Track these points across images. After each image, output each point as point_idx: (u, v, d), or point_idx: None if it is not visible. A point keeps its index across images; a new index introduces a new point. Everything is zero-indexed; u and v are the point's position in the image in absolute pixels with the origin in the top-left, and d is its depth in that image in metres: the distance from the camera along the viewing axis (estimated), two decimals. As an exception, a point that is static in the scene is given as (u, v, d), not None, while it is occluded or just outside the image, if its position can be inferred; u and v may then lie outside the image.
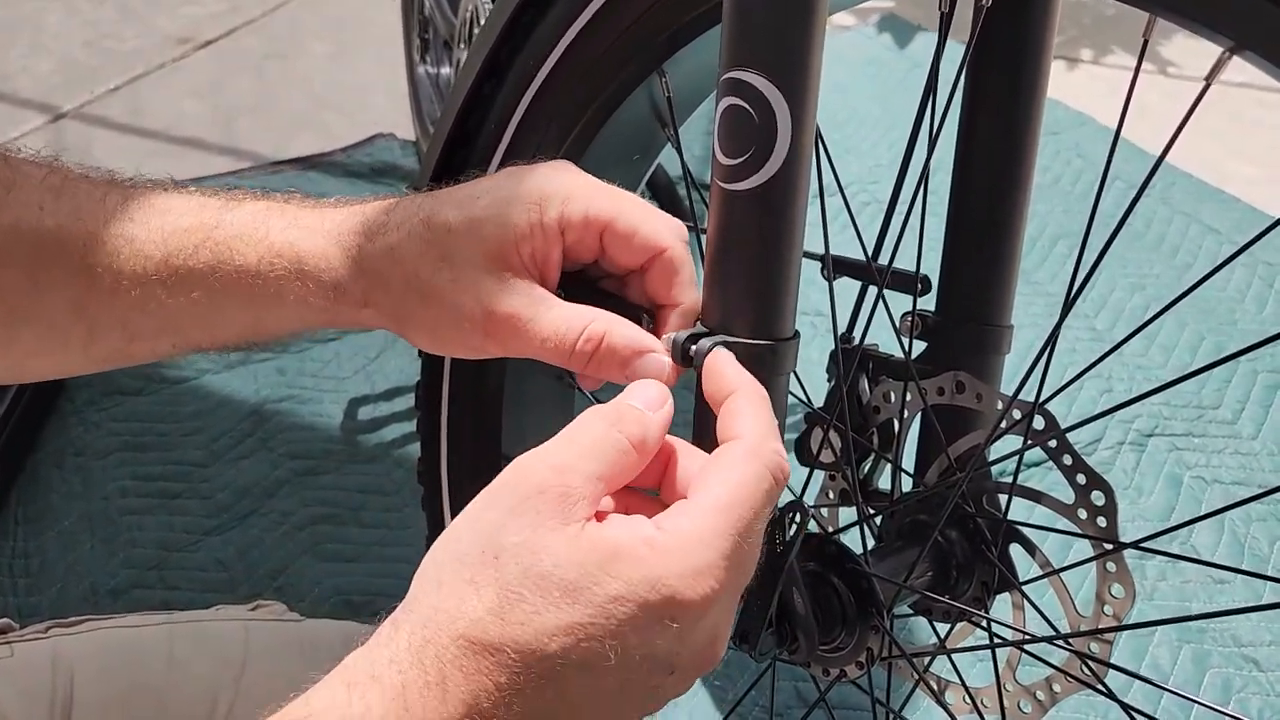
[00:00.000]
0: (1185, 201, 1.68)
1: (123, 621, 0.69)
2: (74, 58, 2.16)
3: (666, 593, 0.37)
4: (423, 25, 1.61)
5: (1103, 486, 0.54)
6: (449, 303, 0.48)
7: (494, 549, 0.38)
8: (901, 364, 0.59)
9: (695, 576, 0.38)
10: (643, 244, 0.48)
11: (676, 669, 0.39)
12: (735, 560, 0.39)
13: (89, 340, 0.52)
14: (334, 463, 1.27)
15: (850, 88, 1.99)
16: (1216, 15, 0.42)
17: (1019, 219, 0.59)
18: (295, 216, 0.51)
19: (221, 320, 0.52)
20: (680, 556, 0.38)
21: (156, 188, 0.53)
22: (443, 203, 0.49)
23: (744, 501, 0.40)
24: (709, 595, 0.38)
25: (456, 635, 0.37)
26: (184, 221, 0.51)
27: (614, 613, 0.37)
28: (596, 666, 0.37)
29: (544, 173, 0.49)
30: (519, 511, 0.38)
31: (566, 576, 0.37)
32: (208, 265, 0.50)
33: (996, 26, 0.54)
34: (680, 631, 0.38)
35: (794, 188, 0.45)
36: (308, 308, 0.51)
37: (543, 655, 0.36)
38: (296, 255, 0.50)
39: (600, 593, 0.37)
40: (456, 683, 0.37)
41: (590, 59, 0.63)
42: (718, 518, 0.39)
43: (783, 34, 0.44)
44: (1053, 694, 0.58)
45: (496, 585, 0.37)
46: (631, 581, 0.37)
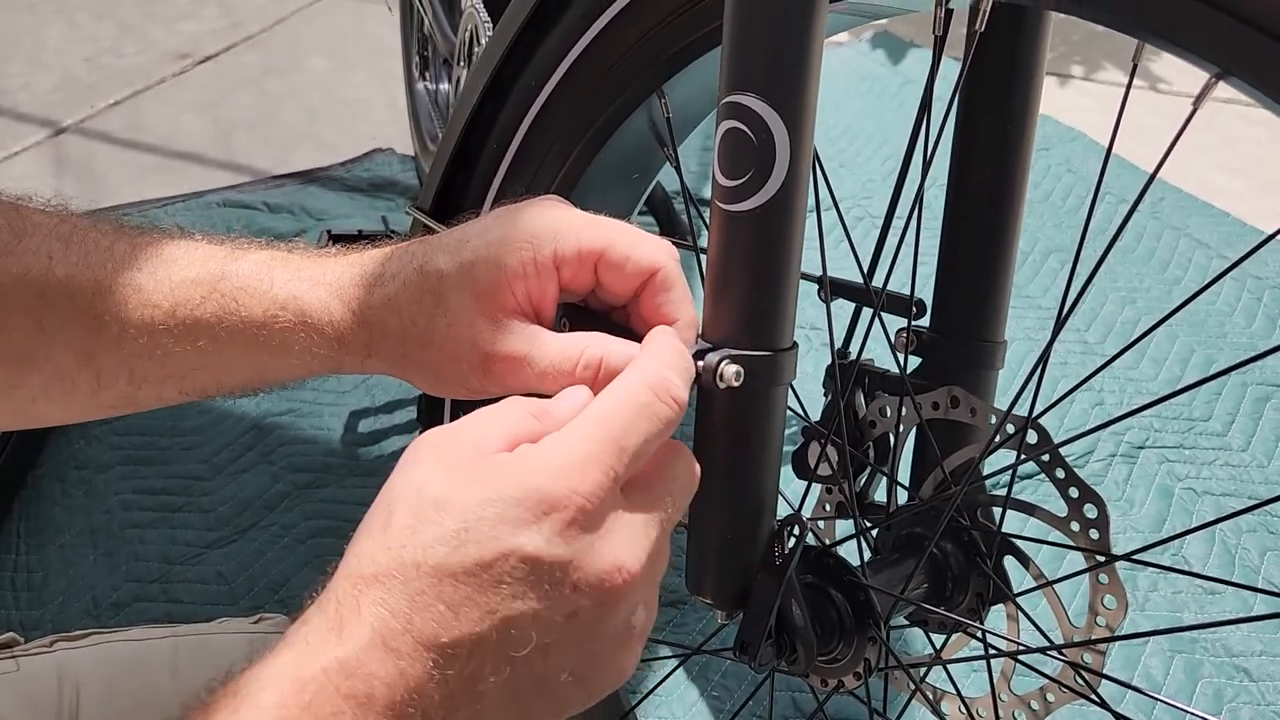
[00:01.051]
0: (1174, 216, 1.70)
1: (127, 635, 0.69)
2: (74, 73, 2.17)
3: (530, 485, 0.38)
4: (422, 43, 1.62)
5: (1095, 500, 0.54)
6: (447, 349, 0.49)
7: (390, 501, 0.39)
8: (897, 379, 0.60)
9: (560, 470, 0.39)
10: (636, 268, 0.48)
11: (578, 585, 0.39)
12: (608, 463, 0.40)
13: (96, 387, 0.52)
14: (335, 476, 1.28)
15: (844, 103, 2.00)
16: (1204, 42, 0.43)
17: (1012, 236, 0.60)
18: (298, 269, 0.52)
19: (227, 368, 0.53)
20: (545, 457, 0.39)
21: (164, 236, 0.54)
22: (435, 250, 0.50)
23: (615, 411, 0.41)
24: (577, 489, 0.38)
25: (349, 575, 0.38)
26: (190, 272, 0.52)
27: (484, 514, 0.38)
28: (480, 574, 0.37)
29: (533, 211, 0.49)
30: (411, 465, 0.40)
31: (438, 493, 0.38)
32: (214, 316, 0.51)
33: (989, 50, 0.56)
34: (558, 532, 0.38)
35: (792, 208, 0.46)
36: (312, 357, 0.51)
37: (427, 567, 0.37)
38: (300, 308, 0.51)
39: (469, 497, 0.38)
40: (351, 620, 0.37)
41: (592, 80, 0.64)
42: (587, 424, 0.40)
43: (781, 59, 0.45)
44: (1047, 704, 0.59)
45: (385, 526, 0.38)
46: (497, 483, 0.38)
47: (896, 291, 0.59)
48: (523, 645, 0.38)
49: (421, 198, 0.72)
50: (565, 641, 0.39)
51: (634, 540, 0.41)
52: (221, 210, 1.73)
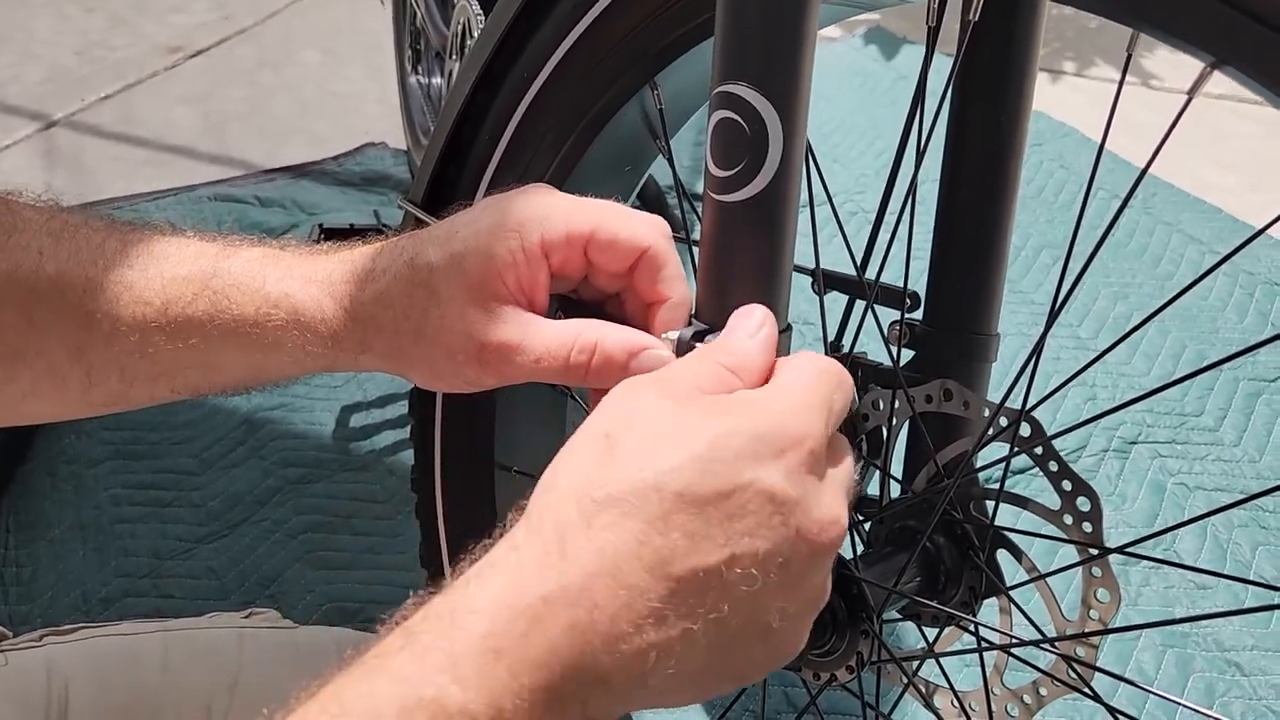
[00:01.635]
0: (1166, 211, 1.70)
1: (117, 630, 0.69)
2: (65, 66, 2.16)
3: (770, 421, 0.39)
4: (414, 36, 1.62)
5: (1088, 492, 0.54)
6: (441, 341, 0.49)
7: (602, 429, 0.39)
8: (890, 372, 0.60)
9: (798, 412, 0.40)
10: (626, 248, 0.48)
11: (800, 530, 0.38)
12: (829, 418, 0.41)
13: (87, 384, 0.52)
14: (326, 470, 1.27)
15: (836, 98, 2.00)
16: (1198, 31, 0.43)
17: (1005, 228, 0.60)
18: (290, 266, 0.52)
19: (220, 366, 0.52)
20: (782, 399, 0.40)
21: (155, 233, 0.53)
22: (424, 243, 0.50)
23: (826, 370, 0.43)
24: (810, 433, 0.39)
25: (575, 500, 0.37)
26: (182, 270, 0.51)
27: (728, 445, 0.38)
28: (718, 504, 0.37)
29: (520, 199, 0.49)
30: (623, 397, 0.41)
31: (676, 423, 0.38)
32: (205, 314, 0.51)
33: (983, 41, 0.55)
34: (792, 470, 0.38)
35: (785, 199, 0.46)
36: (306, 355, 0.51)
37: (661, 496, 0.36)
38: (293, 306, 0.51)
39: (709, 428, 0.38)
40: (577, 543, 0.36)
41: (584, 72, 0.64)
42: (809, 377, 0.42)
43: (774, 48, 0.45)
44: (1039, 697, 0.59)
45: (608, 451, 0.38)
46: (741, 417, 0.39)
47: (890, 284, 0.58)
48: (748, 584, 0.37)
49: (413, 190, 0.72)
50: (774, 589, 0.38)
51: (840, 500, 0.41)
52: (213, 204, 1.72)
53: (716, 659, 0.38)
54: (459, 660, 0.34)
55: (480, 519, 0.78)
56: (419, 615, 0.36)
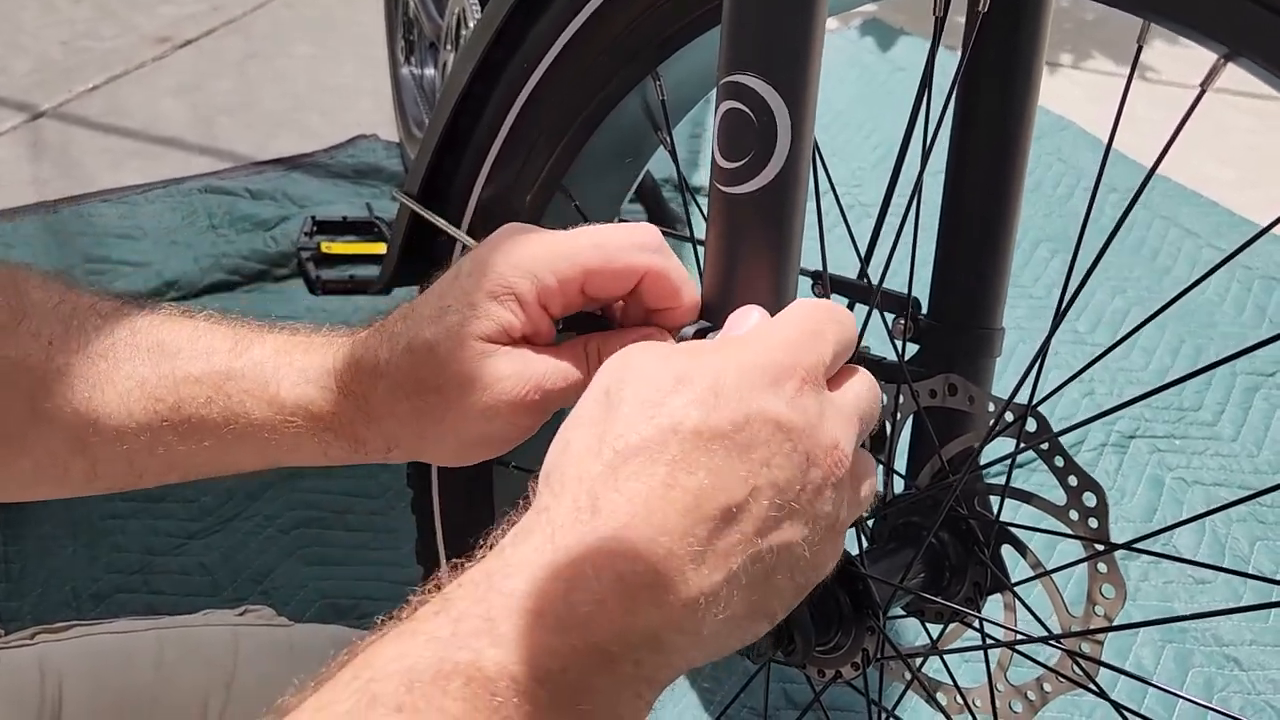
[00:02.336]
0: (1165, 205, 1.70)
1: (110, 627, 0.68)
2: (52, 56, 2.14)
3: (762, 352, 0.40)
4: (407, 26, 1.60)
5: (1094, 488, 0.54)
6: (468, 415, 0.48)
7: (602, 388, 0.40)
8: (894, 366, 0.59)
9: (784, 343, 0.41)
10: (622, 281, 0.48)
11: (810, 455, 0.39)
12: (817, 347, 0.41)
13: (92, 475, 0.51)
14: (319, 466, 1.26)
15: (833, 91, 1.99)
16: (1211, 22, 0.42)
17: (1010, 223, 0.59)
18: (303, 369, 0.50)
19: (233, 462, 0.51)
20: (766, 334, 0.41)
21: (167, 321, 0.52)
22: (417, 324, 0.48)
23: (811, 311, 0.43)
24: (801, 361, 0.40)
25: (594, 458, 0.37)
26: (194, 369, 0.50)
27: (728, 377, 0.38)
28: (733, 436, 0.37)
29: (501, 260, 0.48)
30: (615, 361, 0.41)
31: (674, 368, 0.39)
32: (221, 418, 0.50)
33: (990, 32, 0.55)
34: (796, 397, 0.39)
35: (793, 190, 0.46)
36: (327, 457, 0.51)
37: (686, 430, 0.37)
38: (310, 414, 0.50)
39: (707, 365, 0.39)
40: (607, 497, 0.36)
41: (585, 62, 0.63)
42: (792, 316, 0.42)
43: (782, 37, 0.44)
44: (1043, 694, 0.58)
45: (613, 406, 0.38)
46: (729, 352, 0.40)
47: (892, 290, 0.58)
48: (775, 514, 0.37)
49: (409, 183, 0.71)
50: (797, 518, 0.38)
51: (844, 425, 0.41)
52: (203, 196, 1.71)
53: (757, 597, 0.38)
54: (497, 622, 0.33)
55: (477, 515, 0.77)
56: (454, 584, 0.36)
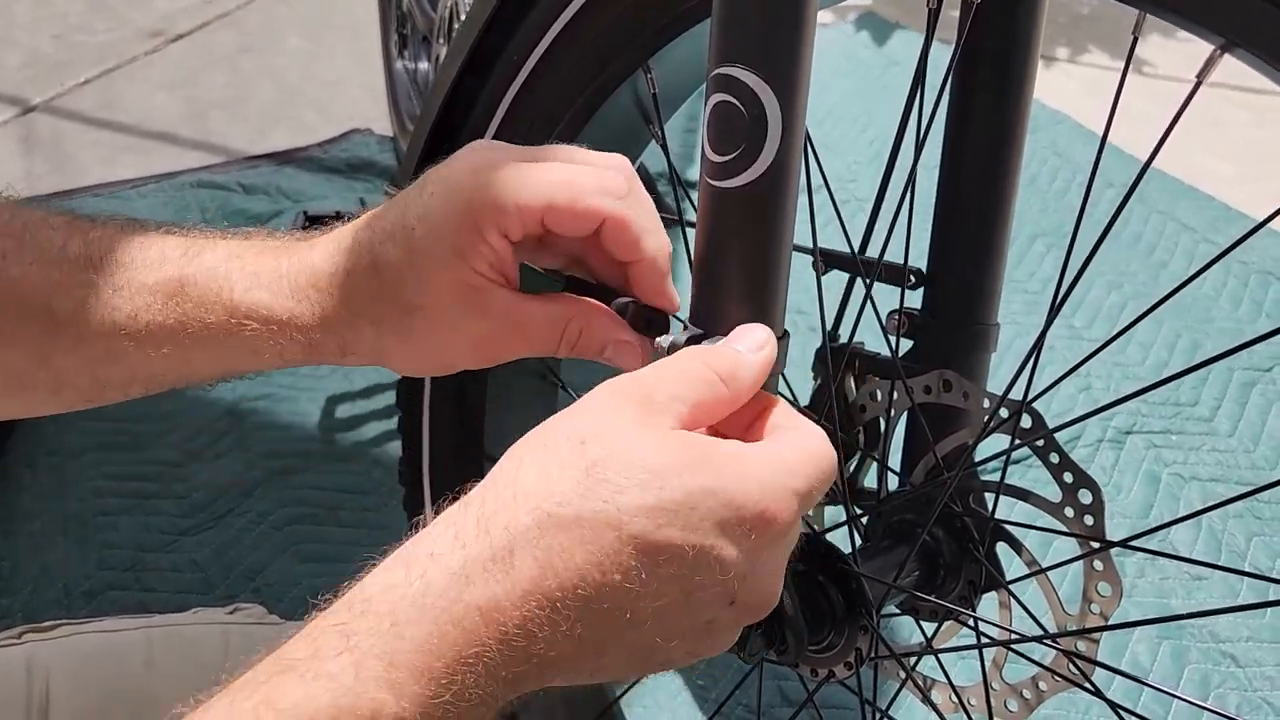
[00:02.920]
0: (1161, 199, 1.69)
1: (99, 626, 0.68)
2: (43, 50, 2.13)
3: (754, 497, 0.38)
4: (400, 20, 1.59)
5: (1090, 485, 0.54)
6: (432, 340, 0.49)
7: (580, 434, 0.38)
8: (888, 362, 0.59)
9: (780, 494, 0.39)
10: (582, 221, 0.47)
11: (737, 600, 0.39)
12: (804, 504, 0.40)
13: (55, 388, 0.51)
14: (312, 462, 1.26)
15: (828, 85, 1.99)
16: (1209, 12, 0.42)
17: (1006, 217, 0.58)
18: (255, 273, 0.50)
19: (193, 370, 0.51)
20: (769, 472, 0.39)
21: (118, 232, 0.52)
22: (382, 239, 0.48)
23: (819, 460, 0.41)
24: (788, 518, 0.39)
25: (533, 508, 0.37)
26: (148, 277, 0.50)
27: (699, 505, 0.37)
28: (669, 561, 0.37)
29: (467, 184, 0.47)
30: (606, 408, 0.39)
31: (653, 463, 0.37)
32: (176, 322, 0.50)
33: (984, 24, 0.54)
34: (754, 547, 0.38)
35: (784, 184, 0.45)
36: (283, 359, 0.51)
37: (621, 535, 0.36)
38: (264, 318, 0.49)
39: (690, 481, 0.37)
40: (525, 556, 0.36)
41: (575, 55, 0.62)
42: (803, 459, 0.40)
43: (773, 29, 0.44)
44: (1039, 692, 0.58)
45: (583, 465, 0.37)
46: (722, 478, 0.37)
47: (890, 261, 0.57)
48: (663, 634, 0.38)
49: (400, 178, 0.71)
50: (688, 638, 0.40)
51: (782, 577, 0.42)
52: (195, 191, 1.70)
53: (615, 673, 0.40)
54: (396, 668, 0.35)
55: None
56: (357, 609, 0.36)
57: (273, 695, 0.35)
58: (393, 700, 0.35)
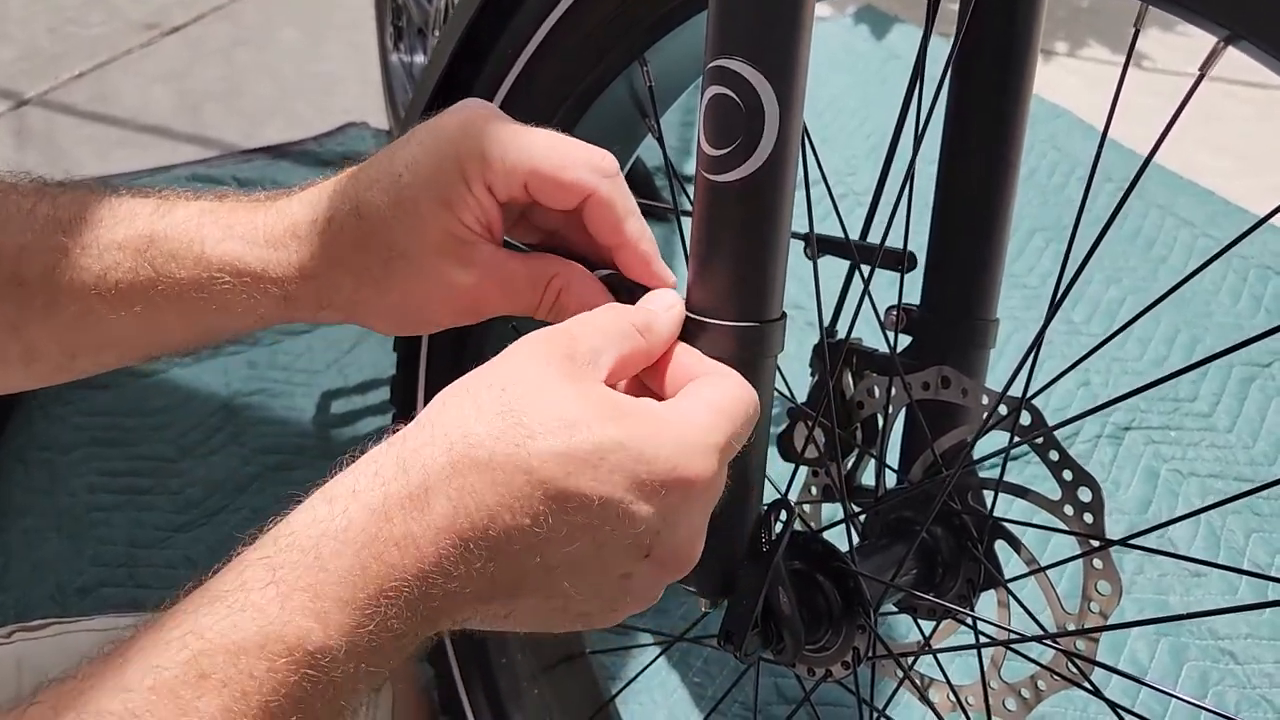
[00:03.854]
0: (1160, 194, 1.69)
1: (89, 624, 0.67)
2: (38, 43, 2.12)
3: (666, 455, 0.38)
4: (396, 12, 1.58)
5: (1089, 482, 0.53)
6: (413, 291, 0.48)
7: (503, 381, 0.39)
8: (886, 358, 0.58)
9: (694, 453, 0.39)
10: (565, 193, 0.47)
11: (652, 554, 0.39)
12: (722, 460, 0.41)
13: (27, 358, 0.50)
14: (307, 458, 1.25)
15: (827, 79, 1.98)
16: (1212, 4, 0.41)
17: (1005, 212, 0.58)
18: (229, 225, 0.50)
19: (166, 331, 0.51)
20: (683, 430, 0.39)
21: (87, 194, 0.51)
22: (367, 186, 0.48)
23: (737, 410, 0.42)
24: (700, 477, 0.39)
25: (449, 447, 0.37)
26: (117, 234, 0.49)
27: (609, 457, 0.37)
28: (578, 509, 0.37)
29: (458, 133, 0.47)
30: (531, 357, 0.39)
31: (570, 411, 0.38)
32: (147, 280, 0.49)
33: (984, 17, 0.53)
34: (666, 505, 0.38)
35: (781, 178, 0.44)
36: (257, 317, 0.50)
37: (530, 479, 0.37)
38: (237, 270, 0.49)
39: (601, 433, 0.37)
40: (440, 496, 0.37)
41: (570, 47, 0.61)
42: (718, 414, 0.41)
43: (770, 22, 0.43)
44: (1038, 691, 0.58)
45: (500, 408, 0.38)
46: (634, 434, 0.38)
47: (887, 246, 0.57)
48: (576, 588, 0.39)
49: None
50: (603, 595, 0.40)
51: (703, 531, 0.42)
52: (190, 185, 1.68)
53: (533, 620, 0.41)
54: (321, 598, 0.36)
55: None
56: (282, 543, 0.37)
57: (200, 625, 0.35)
58: (319, 629, 0.36)
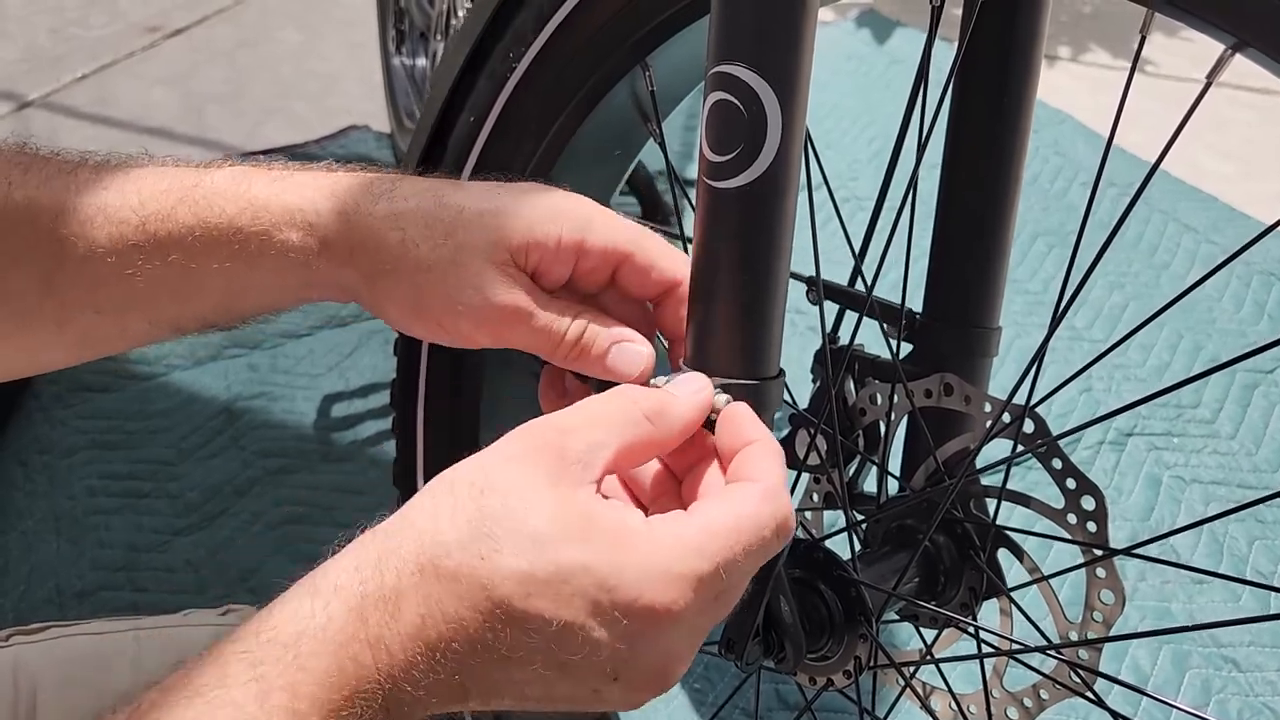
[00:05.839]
0: (1162, 199, 1.69)
1: (87, 629, 0.67)
2: (39, 45, 2.12)
3: (629, 583, 0.37)
4: (398, 16, 1.58)
5: (1093, 491, 0.53)
6: (449, 284, 0.48)
7: (483, 484, 0.38)
8: (888, 365, 0.58)
9: (665, 581, 0.37)
10: (659, 278, 0.49)
11: (620, 678, 0.38)
12: (708, 588, 0.38)
13: (61, 318, 0.50)
14: (307, 461, 1.25)
15: (829, 83, 1.98)
16: (1219, 11, 0.41)
17: (1008, 219, 0.58)
18: (281, 175, 0.50)
19: (199, 286, 0.50)
20: (655, 555, 0.38)
21: (130, 161, 0.52)
22: (457, 188, 0.49)
23: (740, 535, 0.39)
24: (671, 607, 0.37)
25: (419, 552, 0.37)
26: (161, 184, 0.49)
27: (571, 580, 0.37)
28: (537, 631, 0.37)
29: (566, 195, 0.49)
30: (519, 458, 0.39)
31: (539, 528, 0.37)
32: (186, 225, 0.49)
33: (987, 23, 0.53)
34: (629, 633, 0.37)
35: (784, 184, 0.44)
36: (286, 264, 0.49)
37: (490, 596, 0.36)
38: (282, 206, 0.49)
39: (564, 555, 0.37)
40: (410, 602, 0.37)
41: (573, 51, 0.61)
42: (707, 538, 0.38)
43: (773, 27, 0.43)
44: (1040, 701, 0.57)
45: (473, 516, 0.37)
46: (601, 558, 0.37)
47: (888, 301, 0.57)
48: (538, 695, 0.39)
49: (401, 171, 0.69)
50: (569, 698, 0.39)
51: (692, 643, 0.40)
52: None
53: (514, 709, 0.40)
54: (299, 699, 0.36)
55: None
56: (264, 637, 0.37)
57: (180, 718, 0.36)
58: None
